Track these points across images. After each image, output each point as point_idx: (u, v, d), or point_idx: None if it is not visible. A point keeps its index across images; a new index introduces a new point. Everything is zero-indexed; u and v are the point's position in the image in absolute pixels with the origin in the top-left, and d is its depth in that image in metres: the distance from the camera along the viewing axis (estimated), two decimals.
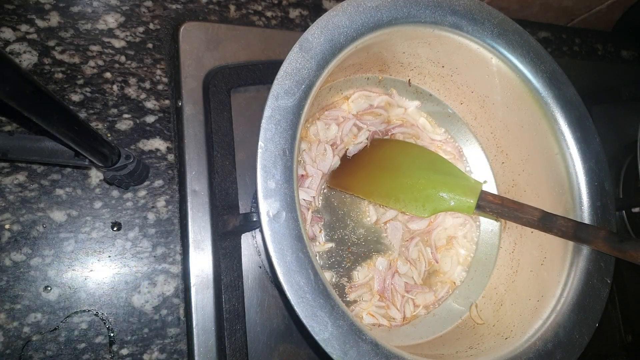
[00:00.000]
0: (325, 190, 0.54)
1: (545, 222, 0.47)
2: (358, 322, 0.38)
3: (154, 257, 0.52)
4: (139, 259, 0.51)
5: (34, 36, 0.51)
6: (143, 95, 0.54)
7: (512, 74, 0.52)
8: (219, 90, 0.54)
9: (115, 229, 0.51)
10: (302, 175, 0.52)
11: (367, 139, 0.56)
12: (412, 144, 0.56)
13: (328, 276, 0.52)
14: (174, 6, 0.58)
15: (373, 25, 0.44)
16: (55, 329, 0.48)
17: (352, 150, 0.55)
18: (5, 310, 0.47)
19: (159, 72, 0.56)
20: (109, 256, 0.50)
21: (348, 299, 0.52)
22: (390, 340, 0.42)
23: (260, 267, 0.54)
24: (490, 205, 0.49)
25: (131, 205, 0.52)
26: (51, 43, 0.52)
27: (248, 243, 0.54)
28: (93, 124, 0.52)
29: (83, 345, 0.48)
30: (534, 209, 0.48)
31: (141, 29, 0.56)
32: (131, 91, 0.54)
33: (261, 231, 0.36)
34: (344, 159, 0.54)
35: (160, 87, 0.55)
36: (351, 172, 0.53)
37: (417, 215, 0.51)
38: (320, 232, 0.52)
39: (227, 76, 0.55)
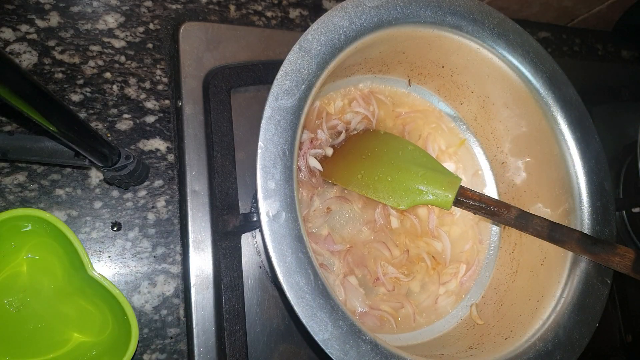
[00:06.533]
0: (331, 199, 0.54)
1: (522, 220, 0.47)
2: (358, 323, 0.38)
3: (154, 257, 0.52)
4: (139, 259, 0.51)
5: (34, 36, 0.51)
6: (143, 95, 0.54)
7: (512, 74, 0.52)
8: (219, 90, 0.54)
9: (115, 229, 0.51)
10: (312, 140, 0.53)
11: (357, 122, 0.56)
12: (394, 136, 0.56)
13: (331, 278, 0.52)
14: (174, 6, 0.58)
15: (373, 26, 0.44)
16: None
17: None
18: None
19: (159, 72, 0.56)
20: (109, 256, 0.50)
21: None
22: (390, 341, 0.42)
23: (260, 267, 0.54)
24: (469, 201, 0.49)
25: (131, 205, 0.52)
26: (51, 43, 0.52)
27: (248, 243, 0.54)
28: (93, 124, 0.52)
29: None
30: (512, 207, 0.48)
31: (141, 29, 0.56)
32: (131, 91, 0.54)
33: (261, 231, 0.36)
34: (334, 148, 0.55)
35: (160, 87, 0.55)
36: (332, 160, 0.53)
37: (395, 207, 0.51)
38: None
39: (227, 76, 0.55)
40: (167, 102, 0.55)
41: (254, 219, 0.49)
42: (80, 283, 0.46)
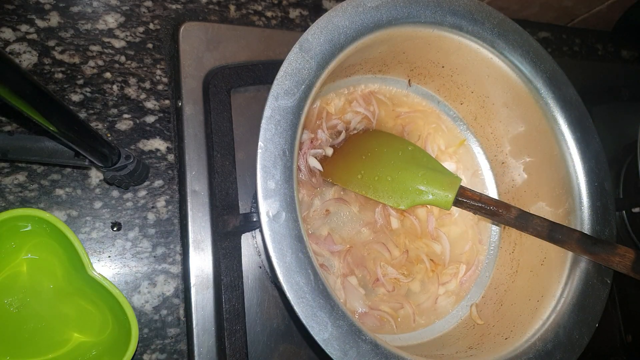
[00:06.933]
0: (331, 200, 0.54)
1: (522, 220, 0.47)
2: (358, 323, 0.38)
3: (154, 257, 0.52)
4: (139, 259, 0.51)
5: (34, 36, 0.51)
6: (143, 95, 0.54)
7: (512, 74, 0.52)
8: (219, 90, 0.54)
9: (115, 229, 0.51)
10: (312, 140, 0.53)
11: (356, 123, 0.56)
12: (394, 136, 0.56)
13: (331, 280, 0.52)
14: (174, 6, 0.58)
15: (373, 26, 0.44)
16: None
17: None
18: None
19: (159, 72, 0.56)
20: (109, 256, 0.50)
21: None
22: (390, 341, 0.42)
23: (260, 267, 0.54)
24: (469, 201, 0.49)
25: (131, 205, 0.52)
26: (51, 43, 0.52)
27: (248, 243, 0.54)
28: (93, 124, 0.52)
29: None
30: (511, 207, 0.48)
31: (141, 29, 0.56)
32: (131, 91, 0.54)
33: (261, 231, 0.36)
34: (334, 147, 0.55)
35: (160, 87, 0.55)
36: (332, 160, 0.53)
37: (395, 207, 0.51)
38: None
39: (227, 76, 0.55)
40: (167, 102, 0.55)
41: (254, 219, 0.49)
42: (80, 283, 0.46)
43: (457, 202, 0.49)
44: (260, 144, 0.37)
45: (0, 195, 0.48)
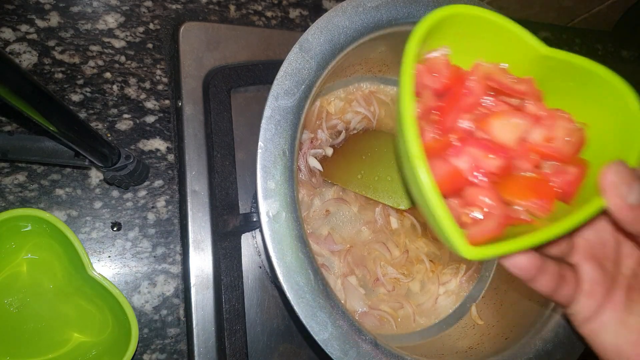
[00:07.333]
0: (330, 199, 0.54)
1: None
2: (358, 323, 0.38)
3: (154, 257, 0.52)
4: (139, 259, 0.51)
5: (34, 36, 0.51)
6: (143, 95, 0.54)
7: None
8: (219, 90, 0.54)
9: (115, 229, 0.51)
10: (312, 140, 0.53)
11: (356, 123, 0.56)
12: (394, 136, 0.56)
13: (331, 281, 0.52)
14: (174, 6, 0.58)
15: (373, 26, 0.44)
16: None
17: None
18: None
19: (159, 72, 0.56)
20: (109, 256, 0.50)
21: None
22: (390, 341, 0.42)
23: (260, 267, 0.54)
24: None
25: (131, 205, 0.52)
26: (51, 43, 0.52)
27: (248, 243, 0.54)
28: (93, 124, 0.52)
29: None
30: None
31: (141, 29, 0.56)
32: (131, 91, 0.54)
33: (261, 231, 0.36)
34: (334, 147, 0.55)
35: (160, 87, 0.55)
36: (332, 160, 0.53)
37: (395, 207, 0.51)
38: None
39: (227, 76, 0.55)
40: (167, 102, 0.55)
41: (254, 219, 0.49)
42: (80, 283, 0.46)
43: None
44: (260, 144, 0.37)
45: (0, 195, 0.48)
